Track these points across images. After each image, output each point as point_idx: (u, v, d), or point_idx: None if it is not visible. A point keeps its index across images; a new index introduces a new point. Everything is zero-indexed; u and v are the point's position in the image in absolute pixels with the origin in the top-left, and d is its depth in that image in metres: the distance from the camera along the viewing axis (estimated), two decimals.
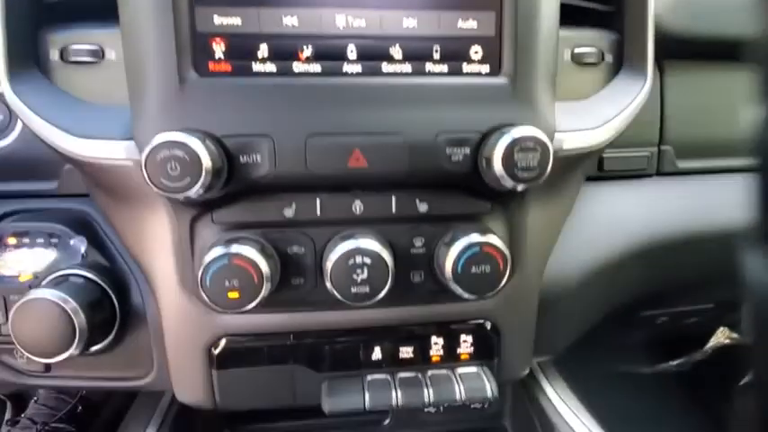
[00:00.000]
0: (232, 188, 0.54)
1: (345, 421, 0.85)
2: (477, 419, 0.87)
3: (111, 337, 0.64)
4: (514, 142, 0.52)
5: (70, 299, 0.57)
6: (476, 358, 0.67)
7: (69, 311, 0.57)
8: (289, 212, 0.57)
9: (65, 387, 0.68)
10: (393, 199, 0.58)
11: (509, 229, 0.63)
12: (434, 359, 0.67)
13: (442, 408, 0.86)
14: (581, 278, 0.74)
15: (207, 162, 0.48)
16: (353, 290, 0.54)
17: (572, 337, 0.78)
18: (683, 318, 1.13)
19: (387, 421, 0.85)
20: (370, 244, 0.54)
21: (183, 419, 0.75)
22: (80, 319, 0.57)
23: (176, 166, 0.48)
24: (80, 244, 0.65)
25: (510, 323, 0.67)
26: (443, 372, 0.66)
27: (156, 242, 0.60)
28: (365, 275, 0.54)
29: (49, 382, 0.68)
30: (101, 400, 1.42)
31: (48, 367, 0.67)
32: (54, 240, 0.66)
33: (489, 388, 0.64)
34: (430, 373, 0.66)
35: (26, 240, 0.66)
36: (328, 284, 0.54)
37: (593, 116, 0.63)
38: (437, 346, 0.66)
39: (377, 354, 0.65)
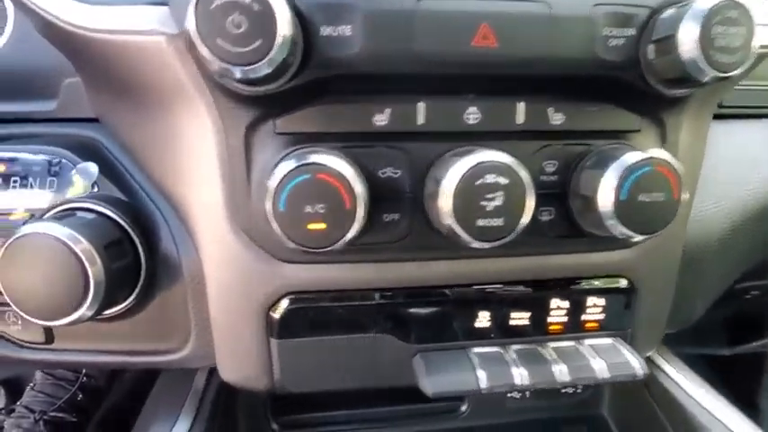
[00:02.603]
0: (306, 77, 0.38)
1: (413, 409, 0.69)
2: (569, 407, 0.72)
3: (133, 297, 0.48)
4: (714, 11, 0.36)
5: (81, 237, 0.41)
6: (605, 328, 0.52)
7: (80, 254, 0.41)
8: (380, 120, 0.41)
9: (71, 363, 0.52)
10: (519, 106, 0.43)
11: None
12: (554, 328, 0.51)
13: (528, 393, 0.71)
14: (723, 230, 0.58)
15: (284, 21, 0.32)
16: (480, 223, 0.39)
17: (706, 305, 0.63)
18: None
19: (463, 408, 0.70)
20: (504, 158, 0.38)
21: (221, 408, 0.60)
22: (96, 267, 0.42)
23: (241, 20, 0.32)
24: (89, 173, 0.50)
25: (650, 282, 0.52)
26: (569, 344, 0.51)
27: (195, 164, 0.44)
28: (499, 202, 0.38)
29: (51, 357, 0.52)
30: (105, 384, 1.28)
31: (50, 337, 0.51)
32: (54, 169, 0.50)
33: (637, 364, 0.49)
34: (552, 345, 0.50)
35: (17, 169, 0.50)
36: (443, 216, 0.39)
37: None
38: (559, 310, 0.51)
39: (483, 320, 0.50)
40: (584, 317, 0.51)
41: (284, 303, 0.46)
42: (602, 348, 0.50)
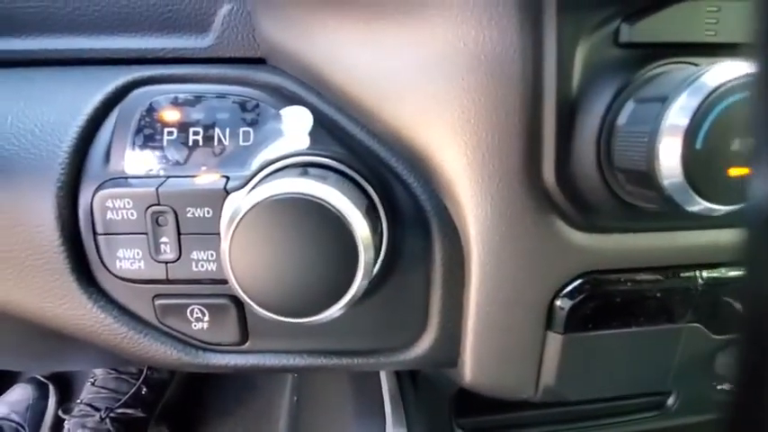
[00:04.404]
0: None
1: (612, 406, 0.59)
2: None
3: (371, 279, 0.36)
4: None
5: (343, 195, 0.29)
6: None
7: (347, 218, 0.29)
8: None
9: (267, 369, 0.40)
10: None
11: None
12: None
13: None
14: None
15: None
16: None
17: None
18: None
19: (670, 402, 0.59)
20: None
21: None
22: (365, 235, 0.30)
23: None
24: (303, 120, 0.37)
25: None
26: None
27: (466, 93, 0.32)
28: None
29: (242, 361, 0.40)
30: (169, 375, 1.18)
31: (244, 336, 0.39)
32: (251, 116, 0.38)
33: None
34: None
35: (199, 115, 0.38)
36: None
37: None
38: None
39: None
40: None
41: (579, 287, 0.35)
42: None
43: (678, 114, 0.25)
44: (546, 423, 0.58)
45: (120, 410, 1.05)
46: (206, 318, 0.38)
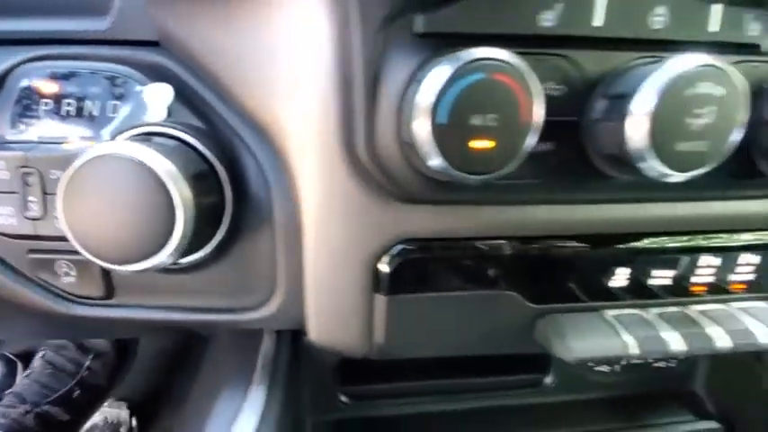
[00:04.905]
0: None
1: (493, 382, 0.63)
2: (657, 382, 0.66)
3: (216, 243, 0.40)
4: None
5: (167, 159, 0.33)
6: (755, 289, 0.45)
7: (165, 178, 0.33)
8: (547, 20, 0.33)
9: (132, 321, 0.44)
10: (714, 10, 0.34)
11: None
12: (696, 289, 0.44)
13: (617, 366, 0.64)
14: None
15: None
16: (680, 147, 0.31)
17: None
18: None
19: (548, 381, 0.63)
20: (720, 62, 0.30)
21: (292, 376, 0.52)
22: (185, 199, 0.33)
23: None
24: (163, 95, 0.41)
25: None
26: (716, 307, 0.44)
27: (300, 80, 0.36)
28: (709, 120, 0.30)
29: (109, 314, 0.44)
30: (107, 383, 1.10)
31: (110, 291, 0.43)
32: (119, 90, 0.42)
33: None
34: (696, 308, 0.43)
35: (73, 89, 0.42)
36: (633, 140, 0.31)
37: None
38: (706, 269, 0.44)
39: (620, 278, 0.43)
40: (732, 276, 0.44)
41: (397, 252, 0.39)
42: (756, 311, 0.43)
43: (426, 93, 0.29)
44: (426, 394, 0.61)
45: (45, 407, 1.00)
46: (73, 272, 0.42)
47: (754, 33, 0.35)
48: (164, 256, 0.34)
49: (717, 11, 0.34)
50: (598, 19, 0.33)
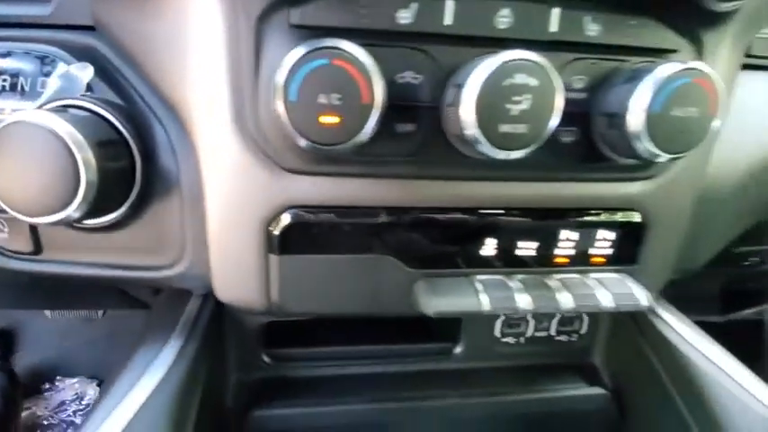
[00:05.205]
0: None
1: (407, 349, 0.69)
2: (560, 354, 0.72)
3: (127, 206, 0.45)
4: None
5: (73, 129, 0.39)
6: (613, 263, 0.51)
7: (72, 145, 0.38)
8: (404, 17, 0.38)
9: (60, 275, 0.49)
10: (554, 12, 0.40)
11: None
12: (560, 261, 0.50)
13: (522, 338, 0.70)
14: (739, 177, 0.57)
15: None
16: (504, 129, 0.36)
17: (713, 252, 0.62)
18: None
19: (457, 350, 0.69)
20: (533, 56, 0.36)
21: (213, 335, 0.58)
22: (88, 162, 0.39)
23: None
24: (84, 73, 0.46)
25: (663, 219, 0.51)
26: (575, 276, 0.50)
27: (199, 62, 0.41)
28: (526, 106, 0.36)
29: (38, 268, 0.50)
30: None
31: (38, 247, 0.49)
32: (48, 68, 0.47)
33: (643, 295, 0.48)
34: (557, 277, 0.49)
35: (7, 66, 0.47)
36: (464, 122, 0.36)
37: None
38: (568, 242, 0.49)
39: (489, 248, 0.48)
40: (592, 250, 0.50)
41: (286, 217, 0.44)
42: (608, 281, 0.49)
43: (281, 74, 0.34)
44: (346, 358, 0.67)
45: None
46: (6, 229, 0.48)
47: (593, 33, 0.41)
48: (70, 211, 0.39)
49: (556, 13, 0.40)
50: (448, 18, 0.38)
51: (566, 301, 0.46)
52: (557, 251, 0.49)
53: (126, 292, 0.89)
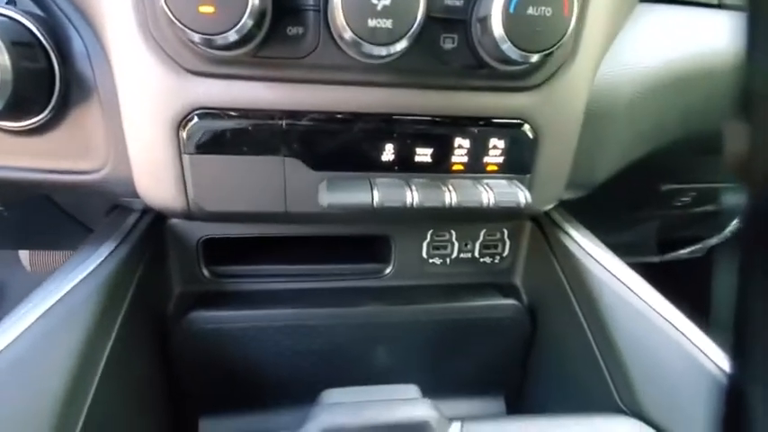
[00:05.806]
0: None
1: (340, 268, 0.74)
2: (484, 275, 0.78)
3: (48, 110, 0.49)
4: None
5: None
6: (505, 171, 0.56)
7: None
8: None
9: None
10: None
11: None
12: (456, 168, 0.55)
13: (448, 260, 0.75)
14: (632, 95, 0.61)
15: None
16: (371, 23, 0.40)
17: (609, 171, 0.67)
18: (707, 200, 1.04)
19: (387, 270, 0.74)
20: None
21: (152, 242, 0.63)
22: (2, 60, 0.43)
23: None
24: None
25: (552, 129, 0.55)
26: (468, 182, 0.54)
27: None
28: (387, 1, 0.40)
29: None
30: None
31: None
32: None
33: (523, 195, 0.53)
34: (451, 181, 0.54)
35: None
36: (337, 20, 0.40)
37: None
38: (461, 150, 0.54)
39: (388, 153, 0.53)
40: (486, 159, 0.55)
41: (193, 118, 0.48)
42: (495, 184, 0.54)
43: None
44: (283, 275, 0.72)
45: None
46: None
47: None
48: None
49: None
50: None
51: (451, 198, 0.51)
52: (453, 159, 0.54)
53: (91, 229, 0.93)
